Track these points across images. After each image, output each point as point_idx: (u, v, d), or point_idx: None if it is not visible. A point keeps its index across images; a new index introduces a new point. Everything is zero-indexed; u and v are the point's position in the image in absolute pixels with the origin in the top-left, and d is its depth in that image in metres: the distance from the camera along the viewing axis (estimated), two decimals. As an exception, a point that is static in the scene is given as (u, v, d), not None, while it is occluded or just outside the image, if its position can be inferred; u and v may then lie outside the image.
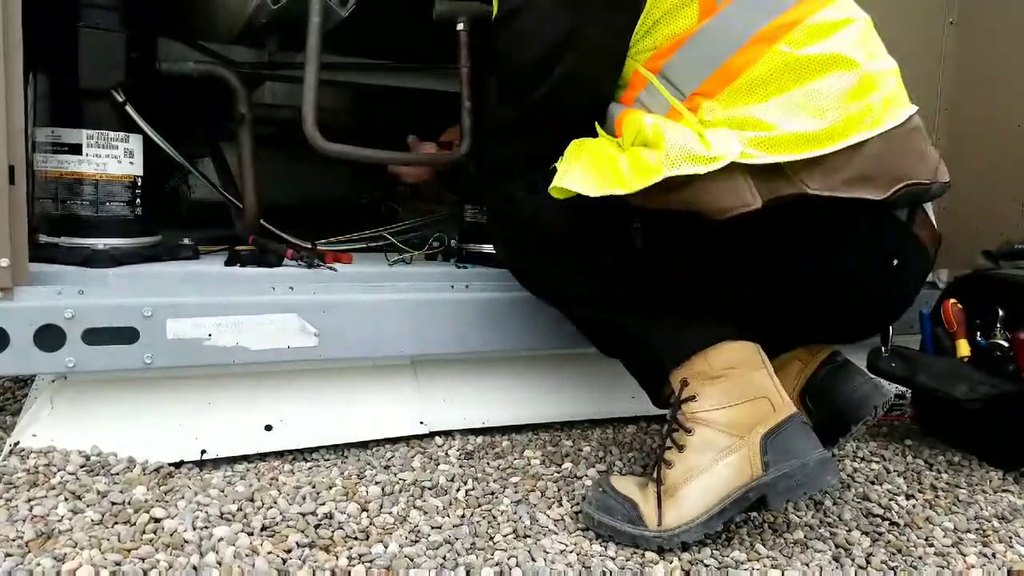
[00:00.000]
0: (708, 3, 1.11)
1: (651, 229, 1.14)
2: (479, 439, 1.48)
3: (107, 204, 1.42)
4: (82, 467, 1.19)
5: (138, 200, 1.46)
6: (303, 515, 1.12)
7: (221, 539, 1.03)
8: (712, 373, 1.13)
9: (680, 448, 1.13)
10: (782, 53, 1.08)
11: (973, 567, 1.14)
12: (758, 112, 1.06)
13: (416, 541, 1.08)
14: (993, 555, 1.18)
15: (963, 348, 1.53)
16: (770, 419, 1.10)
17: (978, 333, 1.53)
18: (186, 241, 1.56)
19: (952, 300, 1.55)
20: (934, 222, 1.21)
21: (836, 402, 1.23)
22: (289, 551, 1.03)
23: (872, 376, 1.26)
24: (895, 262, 1.16)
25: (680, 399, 1.15)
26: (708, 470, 1.10)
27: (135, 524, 1.05)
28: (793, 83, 1.07)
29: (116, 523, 1.06)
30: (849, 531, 1.21)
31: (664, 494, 1.12)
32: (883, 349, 1.49)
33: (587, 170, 1.10)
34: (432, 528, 1.12)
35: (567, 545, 1.10)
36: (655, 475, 1.15)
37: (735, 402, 1.12)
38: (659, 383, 1.27)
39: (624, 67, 1.18)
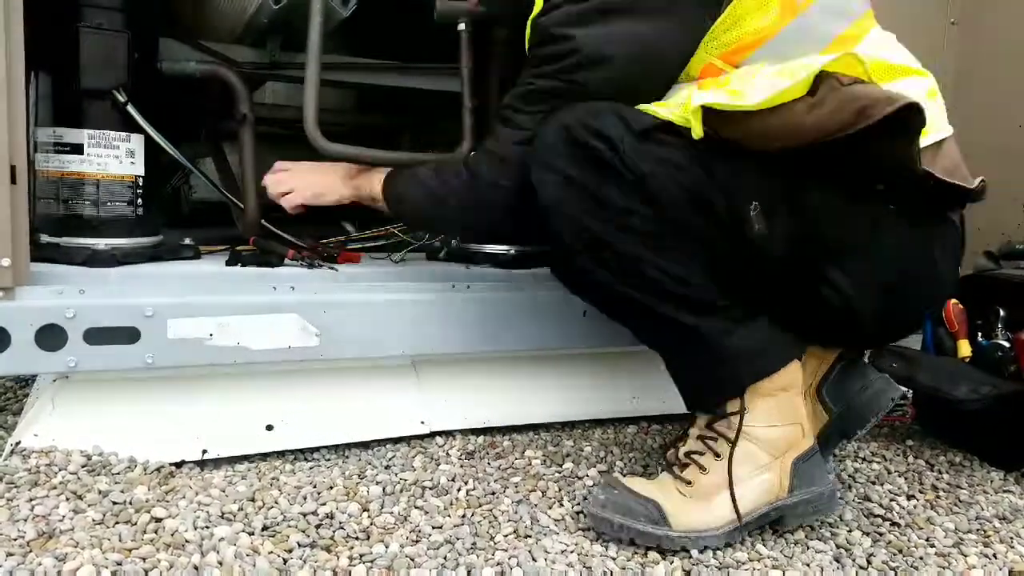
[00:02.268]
0: (790, 3, 1.11)
1: (770, 211, 1.08)
2: (480, 439, 1.48)
3: (108, 204, 1.42)
4: (83, 467, 1.19)
5: (139, 200, 1.46)
6: (304, 515, 1.12)
7: (222, 539, 1.03)
8: (767, 391, 1.14)
9: (717, 456, 1.14)
10: (862, 56, 1.06)
11: (974, 567, 1.14)
12: None
13: (417, 541, 1.08)
14: (994, 555, 1.18)
15: (964, 348, 1.53)
16: (801, 445, 1.15)
17: (979, 334, 1.53)
18: (187, 241, 1.56)
19: (953, 300, 1.55)
20: None
21: (853, 397, 1.24)
22: (290, 551, 1.03)
23: (881, 372, 1.27)
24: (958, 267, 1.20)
25: (730, 411, 1.15)
26: (743, 483, 1.12)
27: (136, 524, 1.05)
28: (880, 80, 1.07)
29: (117, 523, 1.06)
30: (850, 531, 1.21)
31: (691, 496, 1.13)
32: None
33: (733, 90, 1.06)
34: (433, 528, 1.12)
35: (568, 545, 1.10)
36: (677, 474, 1.16)
37: (779, 423, 1.14)
38: (714, 389, 1.17)
39: (694, 62, 1.16)
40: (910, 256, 1.12)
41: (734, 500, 1.11)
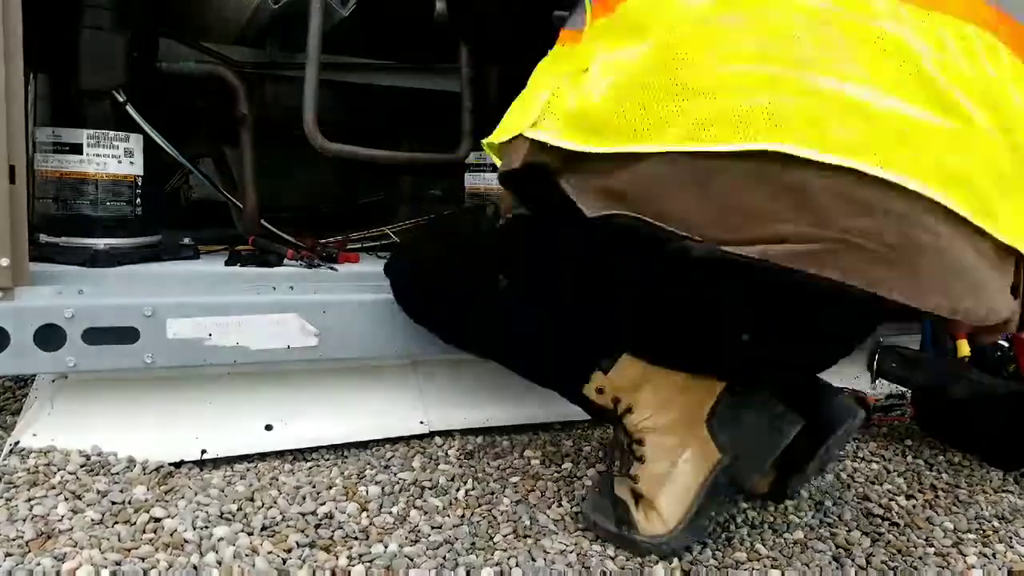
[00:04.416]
0: None
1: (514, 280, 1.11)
2: (479, 439, 1.48)
3: (107, 204, 1.42)
4: (82, 467, 1.19)
5: (138, 200, 1.46)
6: (303, 515, 1.12)
7: (221, 539, 1.03)
8: (635, 382, 1.10)
9: (641, 460, 1.11)
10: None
11: (973, 567, 1.14)
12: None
13: (416, 541, 1.08)
14: (993, 555, 1.18)
15: (963, 348, 1.51)
16: (706, 402, 1.07)
17: None
18: (186, 241, 1.56)
19: None
20: None
21: (822, 410, 1.14)
22: (289, 551, 1.03)
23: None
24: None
25: (619, 415, 1.12)
26: (672, 472, 1.08)
27: (135, 524, 1.05)
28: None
29: (116, 523, 1.06)
30: (849, 531, 1.21)
31: (646, 506, 1.10)
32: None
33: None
34: (432, 528, 1.12)
35: (567, 545, 1.10)
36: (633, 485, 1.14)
37: (667, 398, 1.09)
38: (592, 408, 1.17)
39: None
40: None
41: (656, 508, 1.07)
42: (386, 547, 1.05)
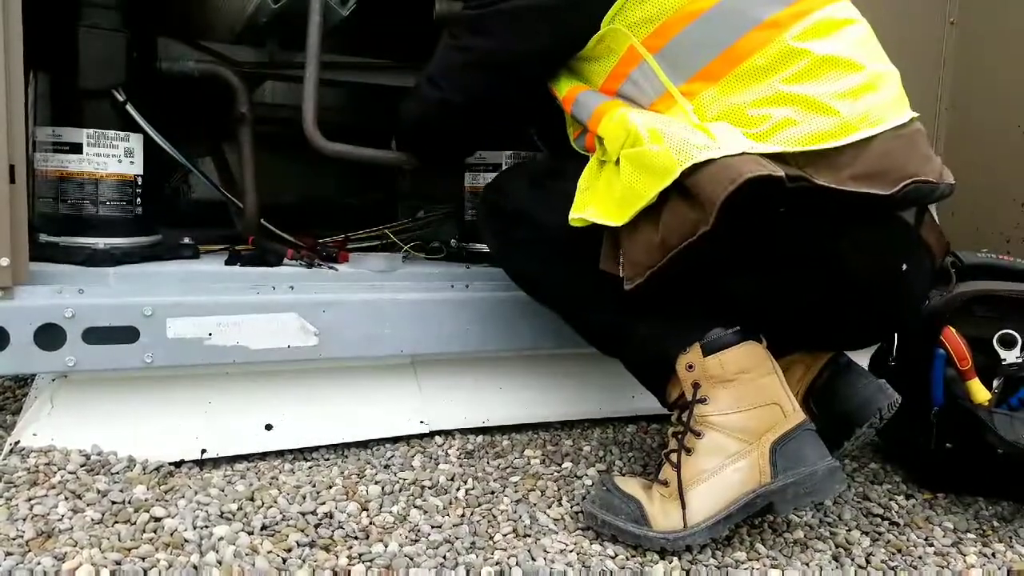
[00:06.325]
0: None
1: None
2: (479, 438, 1.48)
3: (107, 203, 1.42)
4: (82, 466, 1.19)
5: (138, 199, 1.46)
6: (303, 514, 1.12)
7: (221, 538, 1.03)
8: (725, 376, 1.12)
9: (688, 451, 1.12)
10: (789, 45, 1.08)
11: (973, 567, 1.14)
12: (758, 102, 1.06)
13: (416, 540, 1.08)
14: (993, 555, 1.18)
15: (979, 391, 1.27)
16: (780, 426, 1.10)
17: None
18: (186, 240, 1.56)
19: (951, 329, 1.30)
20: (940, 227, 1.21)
21: (840, 405, 1.21)
22: (289, 550, 1.03)
23: (876, 378, 1.23)
24: (904, 267, 1.14)
25: (692, 400, 1.14)
26: (717, 474, 1.10)
27: (135, 523, 1.05)
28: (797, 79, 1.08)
29: (116, 522, 1.06)
30: (849, 531, 1.21)
31: (670, 496, 1.11)
32: (890, 358, 1.44)
33: (603, 200, 1.12)
34: (432, 527, 1.12)
35: (567, 544, 1.10)
36: (659, 476, 1.15)
37: (747, 407, 1.11)
38: (664, 380, 1.20)
39: (617, 37, 1.14)
40: (814, 274, 1.11)
41: (683, 501, 1.09)
42: (386, 546, 1.06)
